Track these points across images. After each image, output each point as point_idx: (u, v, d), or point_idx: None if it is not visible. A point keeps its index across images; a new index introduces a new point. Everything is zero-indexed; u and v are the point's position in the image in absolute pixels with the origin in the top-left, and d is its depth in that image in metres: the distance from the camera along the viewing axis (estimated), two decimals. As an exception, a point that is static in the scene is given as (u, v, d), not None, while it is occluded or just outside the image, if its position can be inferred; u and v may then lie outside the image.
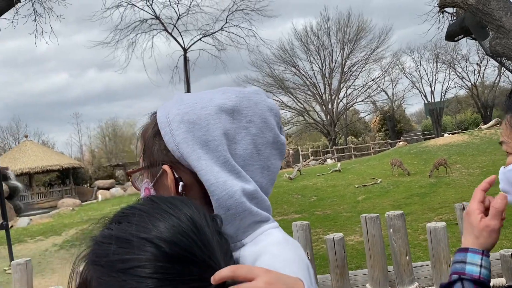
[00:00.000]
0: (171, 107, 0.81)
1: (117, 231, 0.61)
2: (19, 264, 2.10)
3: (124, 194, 27.31)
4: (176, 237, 0.59)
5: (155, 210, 0.63)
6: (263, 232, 0.77)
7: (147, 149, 0.83)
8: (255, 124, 0.80)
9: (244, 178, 0.77)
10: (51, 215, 19.13)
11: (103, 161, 42.55)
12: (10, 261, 9.21)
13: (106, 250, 0.59)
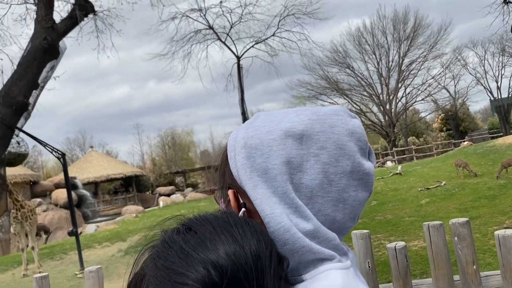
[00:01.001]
0: (241, 128, 0.78)
1: (182, 239, 0.62)
2: (91, 272, 2.21)
3: (184, 201, 28.08)
4: (231, 268, 0.58)
5: (224, 230, 0.63)
6: (324, 271, 0.69)
7: (221, 169, 0.81)
8: (327, 151, 0.72)
9: (303, 214, 0.70)
10: (116, 221, 20.05)
11: (163, 168, 44.05)
12: (81, 266, 9.74)
13: (165, 253, 0.62)
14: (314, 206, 0.71)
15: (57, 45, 8.68)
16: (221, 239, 0.61)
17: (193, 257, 0.59)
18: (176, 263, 0.59)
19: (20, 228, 10.28)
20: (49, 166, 47.73)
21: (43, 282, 2.28)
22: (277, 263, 0.63)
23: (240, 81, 10.52)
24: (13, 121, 7.96)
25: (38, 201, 22.02)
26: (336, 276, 0.68)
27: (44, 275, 2.27)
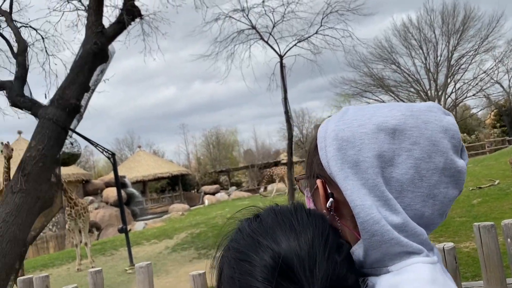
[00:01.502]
0: (332, 121, 0.80)
1: (248, 226, 0.72)
2: (142, 267, 2.29)
3: (229, 199, 28.41)
4: (285, 253, 0.65)
5: (285, 218, 0.71)
6: (411, 264, 0.70)
7: (309, 160, 0.84)
8: (420, 147, 0.72)
9: (392, 208, 0.71)
10: (163, 219, 20.60)
11: (208, 167, 44.75)
12: (130, 262, 10.09)
13: (236, 238, 0.72)
14: (404, 200, 0.72)
15: (106, 49, 9.02)
16: (280, 226, 0.69)
17: (256, 241, 0.67)
18: (242, 246, 0.68)
19: (74, 225, 10.79)
20: (100, 166, 49.75)
21: (97, 276, 2.38)
22: (334, 249, 0.68)
23: (283, 80, 10.51)
24: (67, 123, 8.35)
25: (90, 199, 23.01)
26: (424, 269, 0.68)
27: (98, 270, 2.38)
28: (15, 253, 7.35)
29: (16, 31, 9.40)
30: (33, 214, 7.67)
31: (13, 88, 8.73)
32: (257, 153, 49.42)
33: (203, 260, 9.94)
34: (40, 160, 7.79)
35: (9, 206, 7.45)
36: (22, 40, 9.38)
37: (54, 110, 8.13)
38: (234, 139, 55.75)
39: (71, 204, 10.50)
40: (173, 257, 10.57)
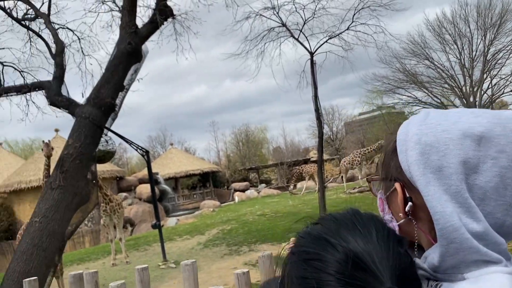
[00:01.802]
0: (413, 124, 0.79)
1: (311, 229, 0.76)
2: (187, 265, 2.31)
3: (258, 196, 28.49)
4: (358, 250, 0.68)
5: (347, 222, 0.74)
6: (489, 273, 0.69)
7: (385, 162, 0.84)
8: (506, 155, 0.71)
9: (474, 215, 0.70)
10: (195, 215, 20.88)
11: (237, 164, 44.98)
12: (163, 257, 10.28)
13: (299, 242, 0.76)
14: (485, 208, 0.71)
15: (140, 49, 9.20)
16: (344, 227, 0.72)
17: (324, 240, 0.71)
18: (311, 247, 0.72)
19: (109, 220, 11.08)
20: (133, 163, 50.85)
21: (143, 273, 2.42)
22: (396, 242, 0.71)
23: (313, 77, 10.44)
24: (102, 121, 8.59)
25: (124, 196, 23.56)
26: (503, 279, 0.68)
27: (144, 267, 2.43)
28: (54, 247, 7.63)
29: (54, 32, 9.72)
30: (70, 209, 7.94)
31: (52, 87, 9.04)
32: (286, 151, 49.34)
33: (234, 256, 10.04)
34: (77, 157, 8.04)
35: (49, 202, 7.74)
36: (60, 41, 9.70)
37: (90, 109, 8.38)
38: (263, 137, 55.86)
39: (106, 200, 10.79)
40: (204, 253, 10.72)
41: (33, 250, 7.28)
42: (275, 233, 11.80)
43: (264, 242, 10.97)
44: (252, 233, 12.27)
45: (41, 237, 7.40)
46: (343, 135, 48.63)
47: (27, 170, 23.48)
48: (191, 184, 36.99)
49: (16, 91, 9.77)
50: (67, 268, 10.80)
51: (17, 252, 7.45)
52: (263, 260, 2.34)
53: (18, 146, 46.63)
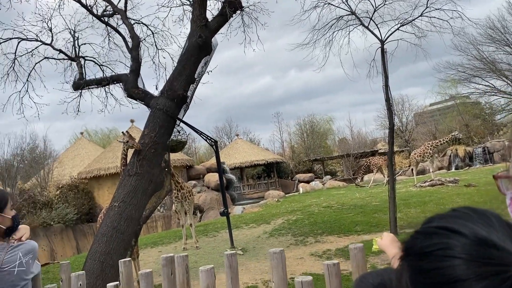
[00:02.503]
0: None
1: (426, 227, 0.76)
2: (275, 253, 2.34)
3: (323, 188, 28.27)
4: (485, 234, 0.68)
5: (465, 215, 0.74)
6: None
7: None
8: None
9: None
10: (260, 204, 21.18)
11: (302, 155, 44.81)
12: (231, 244, 10.57)
13: (417, 238, 0.75)
14: None
15: (210, 41, 9.44)
16: (462, 219, 0.72)
17: (446, 230, 0.71)
18: (425, 241, 0.72)
19: (180, 207, 11.58)
20: (201, 152, 52.44)
21: (232, 258, 2.49)
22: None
23: (384, 66, 10.13)
24: (175, 112, 8.96)
25: (193, 183, 24.44)
26: None
27: (233, 253, 2.49)
28: (131, 231, 8.13)
29: (131, 27, 10.25)
30: (146, 195, 8.40)
31: (129, 80, 9.56)
32: (352, 142, 48.29)
33: (300, 246, 10.09)
34: (152, 146, 8.48)
35: (126, 188, 8.24)
36: (136, 36, 10.21)
37: (164, 100, 8.77)
38: (328, 128, 55.08)
39: (177, 187, 11.27)
40: (271, 242, 10.87)
41: (112, 233, 7.80)
42: (341, 225, 11.68)
43: (331, 234, 10.91)
44: (318, 224, 12.24)
45: (120, 220, 7.91)
46: (413, 126, 46.67)
47: (106, 158, 25.09)
48: (256, 174, 37.48)
49: (97, 83, 10.45)
50: (142, 250, 11.46)
51: (98, 234, 8.02)
52: (355, 252, 2.32)
53: (97, 135, 49.88)
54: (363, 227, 11.23)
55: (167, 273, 2.57)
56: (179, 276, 2.53)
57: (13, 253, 2.15)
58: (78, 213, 21.22)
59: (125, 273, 2.81)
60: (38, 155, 27.69)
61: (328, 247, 9.77)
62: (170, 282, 2.56)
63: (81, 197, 22.83)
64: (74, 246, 20.33)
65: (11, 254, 2.14)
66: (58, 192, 22.91)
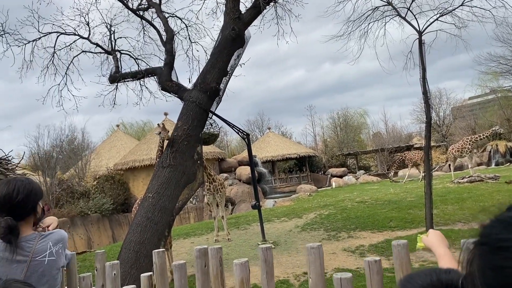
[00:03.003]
0: None
1: (503, 217, 0.70)
2: (313, 248, 2.24)
3: (357, 183, 27.86)
4: None
5: None
6: None
7: None
8: None
9: None
10: (291, 198, 21.10)
11: (335, 150, 44.33)
12: (262, 237, 10.57)
13: (491, 231, 0.69)
14: None
15: (243, 34, 9.40)
16: None
17: None
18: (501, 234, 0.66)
19: (212, 199, 11.66)
20: (233, 146, 52.75)
21: (267, 252, 2.42)
22: None
23: (421, 58, 9.81)
24: (208, 105, 8.99)
25: (225, 176, 24.60)
26: None
27: (268, 247, 2.41)
28: (164, 221, 8.24)
29: (165, 21, 10.34)
30: (179, 187, 8.49)
31: (163, 73, 9.66)
32: (387, 136, 47.33)
33: (333, 241, 9.97)
34: (185, 139, 8.55)
35: (160, 179, 8.36)
36: (170, 29, 10.29)
37: (197, 93, 8.81)
38: (362, 121, 54.19)
39: (210, 179, 11.34)
40: (302, 236, 10.80)
41: (146, 223, 7.93)
42: (375, 221, 11.46)
43: (364, 230, 10.73)
44: (351, 219, 12.06)
45: (154, 211, 8.03)
46: (450, 120, 45.26)
47: (140, 150, 25.61)
48: (287, 167, 37.37)
49: (132, 76, 10.62)
50: (175, 241, 11.63)
51: (133, 224, 8.18)
52: (398, 249, 2.21)
53: (132, 128, 51.00)
54: (397, 223, 10.98)
55: (201, 265, 2.55)
56: (213, 269, 2.50)
57: (44, 243, 2.18)
58: (114, 203, 21.79)
59: (158, 264, 2.82)
60: (76, 147, 28.58)
61: (361, 243, 9.60)
62: (203, 274, 2.54)
63: (116, 188, 23.42)
64: (110, 235, 20.92)
65: (41, 244, 2.16)
66: (95, 183, 23.58)
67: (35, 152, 23.79)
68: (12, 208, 2.09)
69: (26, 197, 2.13)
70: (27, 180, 2.23)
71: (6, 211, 2.08)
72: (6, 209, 2.09)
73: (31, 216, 2.20)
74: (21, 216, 2.12)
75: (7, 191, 2.11)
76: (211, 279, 2.50)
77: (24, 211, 2.14)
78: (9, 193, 2.10)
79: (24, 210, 2.13)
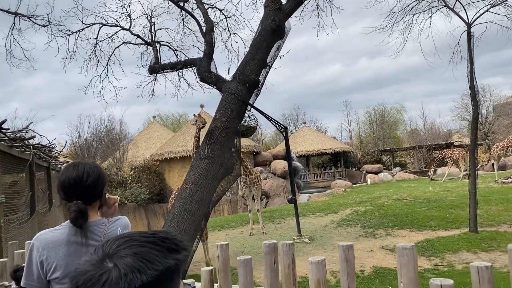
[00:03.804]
0: None
1: None
2: (406, 249, 2.06)
3: (392, 180, 27.23)
4: None
5: None
6: None
7: None
8: None
9: None
10: (326, 194, 20.85)
11: (370, 146, 43.51)
12: (298, 232, 10.45)
13: None
14: None
15: (283, 25, 9.25)
16: None
17: None
18: None
19: (248, 192, 11.62)
20: (267, 139, 52.70)
21: (349, 251, 2.30)
22: None
23: (469, 51, 9.37)
24: (247, 97, 8.91)
25: (260, 169, 24.57)
26: None
27: (349, 244, 2.28)
28: (201, 213, 8.25)
29: (205, 12, 10.32)
30: (217, 179, 8.47)
31: (202, 64, 9.65)
32: (425, 133, 46.03)
33: (370, 239, 9.74)
34: (224, 130, 8.51)
35: (198, 170, 8.36)
36: (210, 20, 10.27)
37: (236, 85, 8.75)
38: (399, 118, 52.89)
39: (246, 172, 11.30)
40: (339, 232, 10.61)
41: (183, 214, 7.95)
42: (414, 219, 11.12)
43: (403, 228, 10.42)
44: (389, 217, 11.75)
45: (191, 202, 8.05)
46: (494, 118, 43.48)
47: (176, 141, 25.92)
48: (322, 163, 36.96)
49: (171, 67, 10.68)
50: (210, 233, 11.69)
51: (170, 215, 8.23)
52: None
53: (168, 120, 51.76)
54: (438, 223, 10.61)
55: (270, 261, 2.40)
56: (284, 266, 2.33)
57: (113, 227, 2.11)
58: (149, 193, 22.18)
59: (221, 258, 2.69)
60: (115, 137, 29.26)
61: (400, 241, 9.33)
62: (273, 271, 2.37)
63: (152, 178, 23.82)
64: (145, 224, 21.33)
65: (111, 229, 2.09)
66: (132, 173, 24.08)
67: (76, 141, 24.52)
68: (82, 192, 2.01)
69: (96, 180, 2.06)
70: (94, 164, 2.14)
71: (75, 195, 2.00)
72: (76, 192, 2.01)
73: (98, 202, 2.12)
74: (89, 200, 2.04)
75: (77, 174, 2.02)
76: (282, 278, 2.35)
77: (93, 195, 2.06)
78: (79, 175, 2.02)
79: (93, 194, 2.06)
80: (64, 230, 1.98)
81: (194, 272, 8.63)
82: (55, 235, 1.96)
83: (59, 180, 2.06)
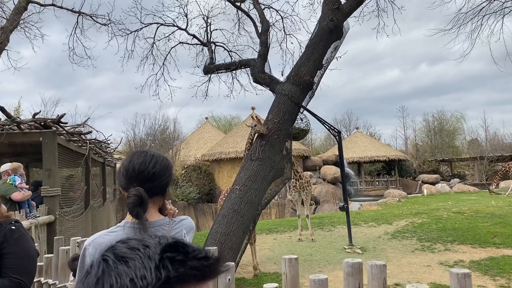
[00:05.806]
0: None
1: None
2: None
3: (451, 191, 25.84)
4: None
5: None
6: None
7: None
8: None
9: None
10: (379, 203, 20.08)
11: (427, 155, 41.67)
12: (349, 241, 10.03)
13: None
14: None
15: (341, 25, 8.92)
16: None
17: None
18: None
19: (297, 196, 11.33)
20: (317, 144, 51.99)
21: (466, 280, 1.97)
22: None
23: (547, 55, 8.59)
24: (300, 99, 8.66)
25: (309, 174, 24.17)
26: None
27: (467, 273, 1.94)
28: (250, 215, 8.08)
29: (261, 12, 10.19)
30: (267, 181, 8.27)
31: (256, 65, 9.50)
32: (486, 144, 43.47)
33: (427, 253, 9.15)
34: (275, 132, 8.30)
35: (248, 172, 8.19)
36: (266, 21, 10.11)
37: (289, 86, 8.52)
38: (459, 127, 50.35)
39: (296, 176, 11.03)
40: (393, 244, 10.06)
41: (232, 215, 7.82)
42: (476, 235, 10.34)
43: (463, 243, 9.71)
44: (448, 231, 11.02)
45: (240, 204, 7.90)
46: None
47: (227, 143, 26.08)
48: (375, 170, 35.82)
49: (226, 68, 10.64)
50: (257, 236, 11.50)
51: (219, 215, 8.12)
52: None
53: (220, 121, 52.42)
54: (503, 240, 9.79)
55: (354, 284, 2.07)
56: None
57: (178, 229, 1.89)
58: (199, 192, 22.41)
59: (289, 276, 2.31)
60: (168, 136, 29.91)
61: (460, 258, 8.68)
62: None
63: (203, 178, 24.07)
64: (194, 223, 21.56)
65: (176, 230, 1.87)
66: (183, 172, 24.46)
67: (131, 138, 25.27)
68: (145, 180, 1.78)
69: (163, 170, 1.84)
70: (163, 155, 1.95)
71: (137, 182, 1.77)
72: (139, 179, 1.78)
73: (160, 198, 1.87)
74: (151, 192, 1.78)
75: (144, 159, 1.82)
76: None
77: (156, 187, 1.81)
78: (145, 162, 1.81)
79: (157, 185, 1.81)
80: (121, 232, 1.76)
81: (241, 275, 8.48)
82: (111, 238, 1.71)
83: (123, 164, 1.85)
